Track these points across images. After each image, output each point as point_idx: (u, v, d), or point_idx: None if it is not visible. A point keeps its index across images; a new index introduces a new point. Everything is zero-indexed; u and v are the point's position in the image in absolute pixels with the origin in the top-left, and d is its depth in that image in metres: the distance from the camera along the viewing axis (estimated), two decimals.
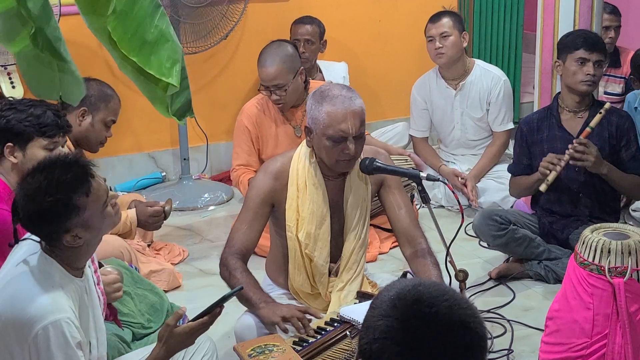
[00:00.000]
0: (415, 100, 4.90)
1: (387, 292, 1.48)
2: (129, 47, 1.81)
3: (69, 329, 2.11)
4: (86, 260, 2.32)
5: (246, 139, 4.24)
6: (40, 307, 2.11)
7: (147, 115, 5.06)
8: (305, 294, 3.05)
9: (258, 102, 4.27)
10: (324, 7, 5.36)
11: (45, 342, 2.09)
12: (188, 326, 2.34)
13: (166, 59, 1.87)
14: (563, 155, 3.71)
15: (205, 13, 4.79)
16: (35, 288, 2.15)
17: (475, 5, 5.74)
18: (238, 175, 4.24)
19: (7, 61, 4.28)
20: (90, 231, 2.22)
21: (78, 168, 2.21)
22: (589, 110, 3.81)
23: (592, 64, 3.72)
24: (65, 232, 2.17)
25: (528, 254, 3.83)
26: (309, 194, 2.96)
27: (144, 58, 1.83)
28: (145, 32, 1.81)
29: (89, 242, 2.24)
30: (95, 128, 3.73)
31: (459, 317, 1.42)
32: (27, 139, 2.91)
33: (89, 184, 2.20)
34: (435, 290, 1.45)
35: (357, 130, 2.86)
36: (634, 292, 2.66)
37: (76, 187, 2.17)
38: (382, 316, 1.43)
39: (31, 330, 2.09)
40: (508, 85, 4.79)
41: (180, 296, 3.71)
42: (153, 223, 3.73)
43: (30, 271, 2.19)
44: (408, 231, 3.03)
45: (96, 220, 2.22)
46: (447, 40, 4.59)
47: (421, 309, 1.42)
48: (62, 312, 2.12)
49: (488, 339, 3.28)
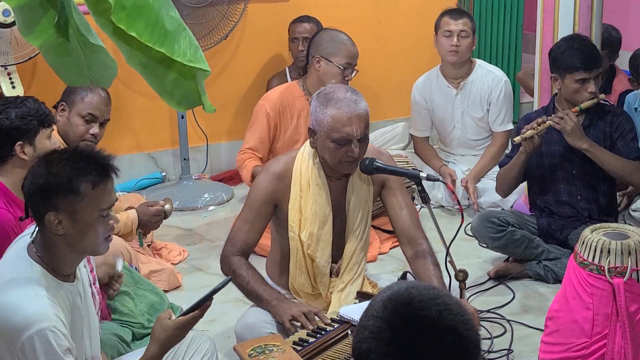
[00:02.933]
0: (415, 100, 4.90)
1: (383, 293, 1.49)
2: (153, 39, 1.81)
3: (55, 337, 2.10)
4: (74, 266, 2.29)
5: (263, 124, 4.21)
6: (24, 317, 2.10)
7: (147, 115, 5.07)
8: (305, 294, 3.06)
9: (282, 92, 4.26)
10: (324, 7, 5.36)
11: (32, 351, 2.09)
12: (179, 320, 2.32)
13: (188, 46, 1.88)
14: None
15: (205, 13, 4.79)
16: (20, 297, 2.13)
17: (475, 5, 5.75)
18: (244, 159, 4.21)
19: (7, 61, 4.28)
20: (74, 225, 2.18)
21: (103, 164, 2.24)
22: (586, 113, 3.80)
23: (592, 80, 3.70)
24: (51, 209, 2.16)
25: (527, 254, 3.83)
26: (312, 194, 2.97)
27: (169, 47, 1.83)
28: (165, 22, 1.82)
29: (70, 240, 2.20)
30: (72, 122, 3.59)
31: (448, 322, 1.41)
32: (34, 132, 2.94)
33: (101, 180, 2.21)
34: (427, 294, 1.45)
35: (361, 134, 2.86)
36: (633, 292, 2.66)
37: (88, 173, 2.19)
38: (373, 317, 1.44)
39: (18, 339, 2.09)
40: (509, 85, 4.80)
41: (180, 296, 3.71)
42: (155, 222, 3.72)
43: (15, 279, 2.18)
44: (409, 232, 3.03)
45: (86, 218, 2.19)
46: (464, 40, 4.61)
47: (411, 311, 1.42)
48: (46, 321, 2.10)
49: (487, 338, 3.31)
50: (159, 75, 1.92)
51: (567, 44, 3.76)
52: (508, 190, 4.02)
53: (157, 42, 1.82)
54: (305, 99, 4.22)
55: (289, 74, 5.14)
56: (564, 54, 3.72)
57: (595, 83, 3.71)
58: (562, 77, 3.73)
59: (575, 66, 3.67)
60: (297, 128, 4.24)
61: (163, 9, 1.83)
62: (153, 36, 1.81)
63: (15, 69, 4.33)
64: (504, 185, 3.97)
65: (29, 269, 2.20)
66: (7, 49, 4.26)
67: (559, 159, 3.84)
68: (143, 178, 5.15)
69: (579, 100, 3.72)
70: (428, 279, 2.87)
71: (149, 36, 1.80)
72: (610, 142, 3.78)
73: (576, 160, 3.80)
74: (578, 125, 3.67)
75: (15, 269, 2.21)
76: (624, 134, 3.77)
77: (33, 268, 2.20)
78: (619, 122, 3.79)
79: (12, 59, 4.28)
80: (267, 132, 4.22)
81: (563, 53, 3.73)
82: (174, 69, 1.90)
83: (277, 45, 5.34)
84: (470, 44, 4.67)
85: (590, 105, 3.71)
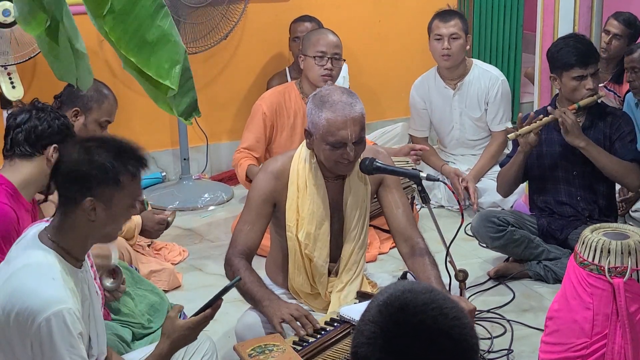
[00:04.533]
0: (414, 100, 4.91)
1: (380, 295, 1.48)
2: (128, 47, 1.81)
3: (71, 319, 2.12)
4: (86, 251, 2.32)
5: (259, 124, 4.24)
6: (42, 299, 2.11)
7: (147, 115, 5.07)
8: (305, 294, 3.05)
9: (280, 92, 4.29)
10: (324, 7, 5.36)
11: (49, 333, 2.09)
12: (191, 320, 2.36)
13: (165, 60, 1.87)
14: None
15: (205, 13, 4.79)
16: (36, 281, 2.15)
17: (475, 5, 5.75)
18: (239, 158, 4.24)
19: (7, 61, 4.28)
20: (107, 212, 2.22)
21: (142, 158, 2.31)
22: (586, 114, 3.80)
23: (590, 77, 3.70)
24: (89, 196, 2.19)
25: (527, 254, 3.83)
26: (309, 194, 2.97)
27: (143, 59, 1.83)
28: (146, 33, 1.81)
29: (97, 224, 2.22)
30: (89, 129, 3.59)
31: (444, 327, 1.40)
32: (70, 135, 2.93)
33: (138, 172, 2.29)
34: (423, 298, 1.43)
35: (356, 137, 2.86)
36: (633, 292, 2.66)
37: (132, 165, 2.25)
38: (370, 321, 1.43)
39: (33, 322, 2.10)
40: (506, 85, 4.79)
41: (180, 296, 3.71)
42: (157, 230, 3.72)
43: (29, 265, 2.19)
44: (405, 230, 3.03)
45: (120, 207, 2.25)
46: (455, 42, 4.60)
47: (406, 317, 1.41)
48: (63, 303, 2.12)
49: (487, 338, 3.31)
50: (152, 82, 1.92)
51: (563, 42, 3.78)
52: (509, 190, 4.02)
53: (132, 51, 1.82)
54: (301, 99, 4.23)
55: (289, 73, 5.14)
56: (559, 52, 3.74)
57: (593, 80, 3.70)
58: (560, 75, 3.73)
59: (571, 63, 3.68)
60: (294, 128, 4.25)
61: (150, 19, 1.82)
62: (129, 44, 1.81)
63: (15, 69, 4.33)
64: (505, 185, 3.98)
65: (43, 255, 2.21)
66: (7, 49, 4.26)
67: (559, 160, 3.84)
68: (143, 178, 5.10)
69: (577, 97, 3.72)
70: (426, 279, 2.87)
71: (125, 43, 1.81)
72: (610, 143, 3.78)
73: (576, 161, 3.80)
74: (576, 122, 3.67)
75: (29, 256, 2.22)
76: (622, 135, 3.77)
77: (47, 254, 2.22)
78: (619, 124, 3.79)
79: (12, 59, 4.28)
80: (264, 131, 4.24)
81: (559, 51, 3.74)
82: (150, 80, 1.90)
83: (277, 45, 5.34)
84: (463, 45, 4.64)
85: (589, 102, 3.71)
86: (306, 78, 4.22)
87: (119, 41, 1.80)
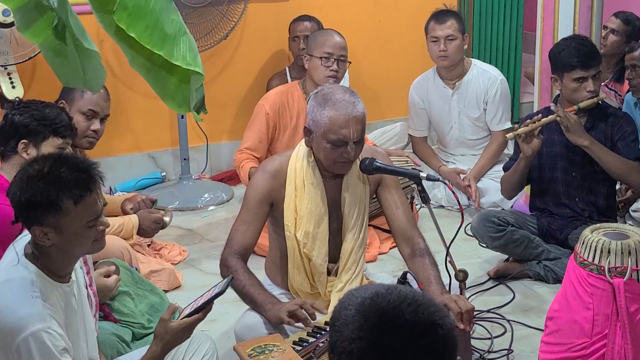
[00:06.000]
0: (413, 100, 4.91)
1: (345, 310, 1.44)
2: (152, 42, 1.81)
3: (50, 338, 2.11)
4: (69, 267, 2.29)
5: (262, 124, 4.23)
6: (18, 318, 2.11)
7: (147, 115, 5.07)
8: (304, 293, 3.05)
9: (282, 92, 4.29)
10: (324, 7, 5.36)
11: (28, 353, 2.09)
12: (184, 322, 2.35)
13: (188, 50, 1.88)
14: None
15: (205, 13, 4.79)
16: (14, 298, 2.14)
17: (475, 5, 5.75)
18: (241, 159, 4.23)
19: (7, 61, 4.28)
20: (62, 238, 2.18)
21: (84, 175, 2.19)
22: (587, 115, 3.80)
23: (591, 79, 3.69)
24: (37, 224, 2.16)
25: (527, 254, 3.83)
26: (307, 193, 2.96)
27: (168, 51, 1.84)
28: (165, 26, 1.82)
29: (59, 247, 2.20)
30: (75, 120, 3.47)
31: (426, 318, 1.40)
32: (42, 137, 2.98)
33: (84, 195, 2.17)
34: (395, 298, 1.42)
35: (358, 136, 2.86)
36: (633, 292, 2.66)
37: (69, 190, 2.16)
38: (352, 340, 1.39)
39: (13, 341, 2.10)
40: (505, 84, 4.79)
41: (180, 296, 3.71)
42: (153, 230, 3.72)
43: (10, 281, 2.18)
44: (405, 230, 3.03)
45: (73, 231, 2.19)
46: (452, 43, 4.59)
47: (387, 324, 1.40)
48: (41, 322, 2.11)
49: (487, 338, 3.31)
50: (161, 78, 1.92)
51: (565, 43, 3.77)
52: (513, 193, 4.05)
53: (156, 45, 1.82)
54: (304, 100, 4.22)
55: (289, 73, 5.14)
56: (561, 53, 3.73)
57: (594, 82, 3.70)
58: (561, 76, 3.73)
59: (572, 65, 3.67)
60: (297, 128, 4.24)
61: (164, 12, 1.83)
62: (152, 38, 1.81)
63: (15, 69, 4.33)
64: (508, 189, 4.00)
65: (25, 270, 2.20)
66: (7, 49, 4.26)
67: (559, 161, 3.84)
68: (143, 178, 5.15)
69: (578, 99, 3.71)
70: (426, 279, 2.88)
71: (148, 38, 1.81)
72: (611, 143, 3.77)
73: (576, 162, 3.80)
74: (577, 122, 3.67)
75: (10, 270, 2.21)
76: (625, 135, 3.77)
77: (29, 269, 2.21)
78: (620, 124, 3.79)
79: (12, 59, 4.28)
80: (266, 132, 4.23)
81: (560, 52, 3.74)
82: (175, 73, 1.90)
83: (277, 45, 5.34)
84: (460, 46, 4.63)
85: (590, 104, 3.71)
86: (310, 78, 4.22)
87: (141, 37, 1.80)
